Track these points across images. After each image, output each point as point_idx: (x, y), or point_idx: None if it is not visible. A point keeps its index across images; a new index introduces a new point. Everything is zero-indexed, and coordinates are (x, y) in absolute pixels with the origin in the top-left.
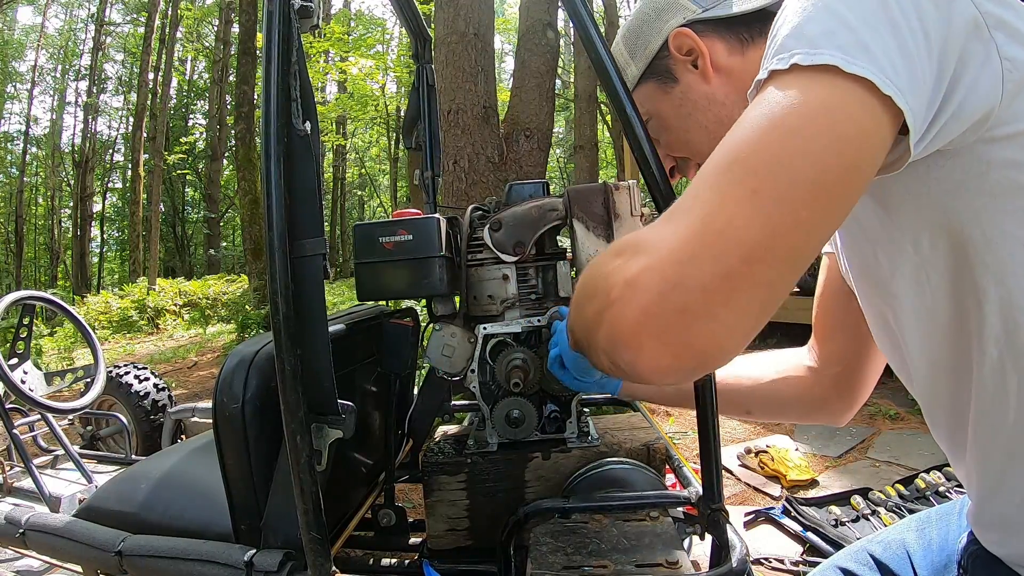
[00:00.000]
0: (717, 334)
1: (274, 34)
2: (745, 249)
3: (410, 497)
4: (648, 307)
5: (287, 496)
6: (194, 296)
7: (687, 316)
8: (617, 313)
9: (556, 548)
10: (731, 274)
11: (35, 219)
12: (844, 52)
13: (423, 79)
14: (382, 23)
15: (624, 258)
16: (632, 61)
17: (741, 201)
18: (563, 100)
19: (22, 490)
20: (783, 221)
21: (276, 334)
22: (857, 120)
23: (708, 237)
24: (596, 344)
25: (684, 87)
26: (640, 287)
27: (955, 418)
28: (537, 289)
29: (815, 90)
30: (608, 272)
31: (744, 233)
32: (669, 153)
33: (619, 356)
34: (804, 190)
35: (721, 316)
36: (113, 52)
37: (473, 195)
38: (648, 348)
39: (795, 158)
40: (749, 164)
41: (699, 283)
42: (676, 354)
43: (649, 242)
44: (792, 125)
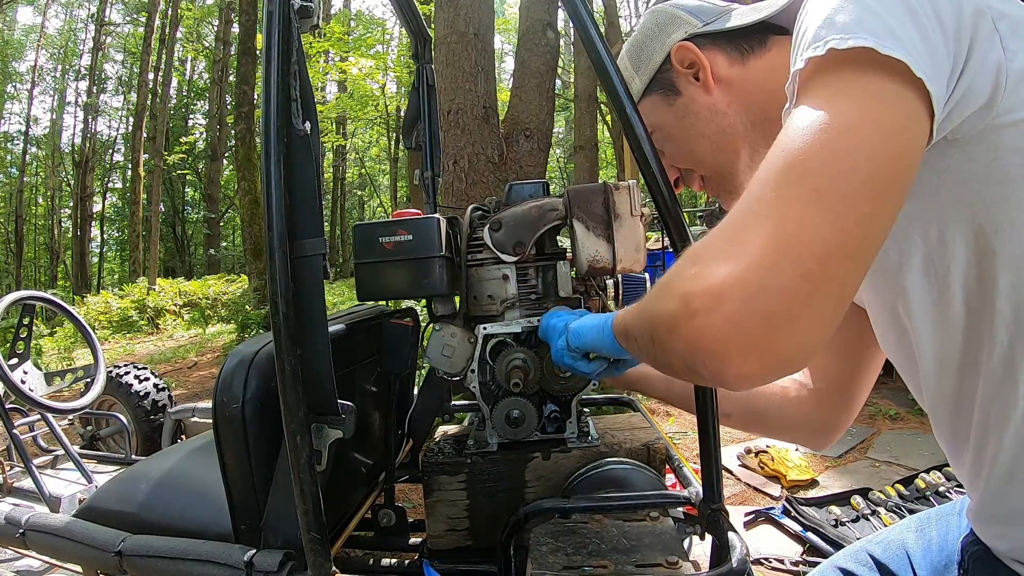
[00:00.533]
0: (800, 336)
1: (274, 34)
2: (819, 248)
3: (410, 497)
4: (733, 316)
5: (287, 496)
6: (194, 296)
7: (772, 321)
8: (702, 323)
9: (556, 548)
10: (809, 275)
11: (35, 219)
12: (875, 36)
13: (423, 79)
14: (382, 23)
15: (701, 266)
16: (636, 75)
17: (808, 204)
18: (563, 100)
19: (22, 490)
20: (849, 219)
21: (276, 334)
22: (897, 109)
23: (784, 242)
24: (671, 348)
25: (687, 99)
26: (725, 297)
27: (959, 412)
28: (537, 289)
29: (855, 81)
30: (685, 280)
31: (816, 234)
32: (673, 164)
33: (702, 363)
34: (862, 186)
35: (803, 318)
36: (113, 52)
37: (473, 195)
38: (735, 355)
39: (849, 156)
40: (807, 165)
41: (781, 287)
42: (762, 360)
43: (727, 249)
44: (841, 124)
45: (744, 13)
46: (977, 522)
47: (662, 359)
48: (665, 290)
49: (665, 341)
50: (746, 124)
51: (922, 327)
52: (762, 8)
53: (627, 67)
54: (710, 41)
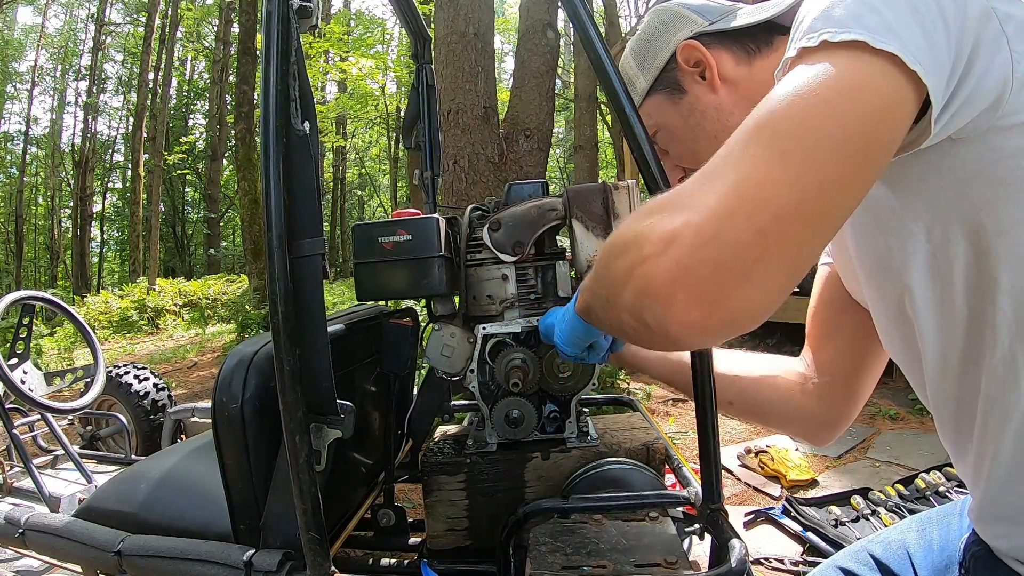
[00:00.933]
0: (749, 292)
1: (273, 34)
2: (776, 207)
3: (410, 497)
4: (683, 259)
5: (286, 496)
6: (194, 296)
7: (721, 271)
8: (651, 266)
9: (555, 548)
10: (764, 231)
11: (35, 219)
12: (871, 31)
13: (423, 79)
14: (382, 23)
15: (659, 216)
16: (640, 74)
17: (772, 163)
18: (563, 100)
19: (22, 490)
20: (811, 182)
21: (275, 334)
22: (882, 90)
23: (742, 195)
24: (621, 301)
25: (692, 98)
26: (676, 241)
27: (961, 410)
28: (536, 289)
29: (843, 63)
30: (642, 229)
31: (775, 192)
32: (677, 164)
33: (648, 309)
34: (831, 153)
35: (753, 274)
36: (113, 52)
37: (473, 195)
38: (680, 301)
39: (822, 123)
40: (779, 129)
41: (734, 239)
42: (707, 309)
43: (684, 200)
44: (820, 94)
45: (749, 12)
46: (979, 521)
47: (615, 320)
48: (620, 244)
49: (619, 296)
50: None
51: (926, 325)
52: (767, 8)
53: (631, 66)
54: (716, 40)
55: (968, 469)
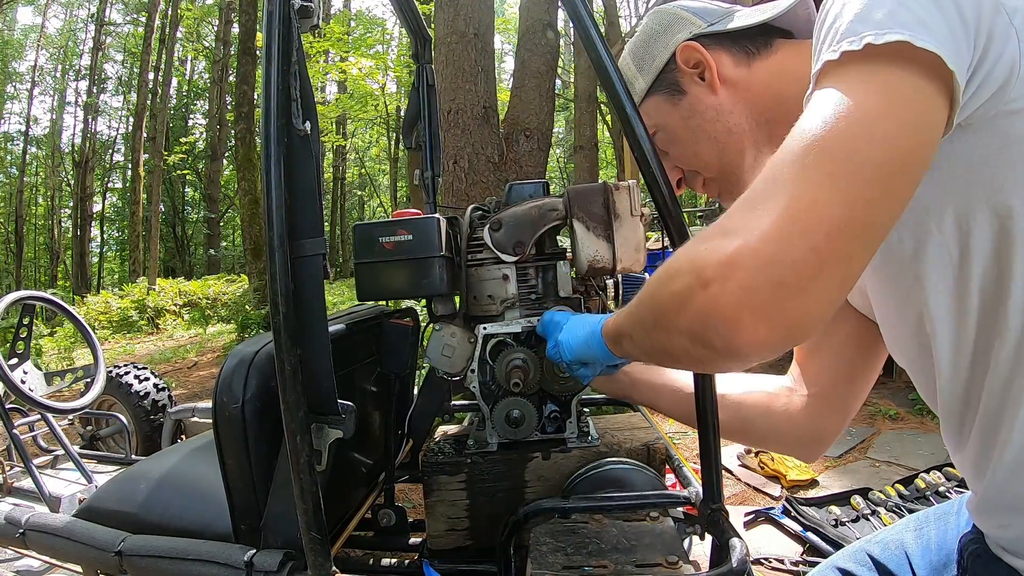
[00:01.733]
0: (808, 305)
1: (274, 34)
2: (828, 226)
3: (410, 497)
4: (745, 282)
5: (287, 496)
6: (194, 296)
7: (782, 290)
8: (716, 291)
9: (556, 548)
10: (818, 249)
11: (35, 219)
12: (909, 28)
13: (423, 79)
14: (382, 23)
15: (712, 242)
16: (639, 75)
17: (821, 183)
18: (563, 100)
19: (22, 490)
20: (858, 200)
21: (276, 334)
22: (920, 103)
23: (795, 217)
24: (675, 325)
25: (692, 99)
26: (738, 265)
27: (968, 401)
28: (537, 289)
29: (881, 72)
30: (696, 255)
31: (826, 211)
32: (677, 165)
33: (714, 331)
34: (875, 170)
35: (811, 289)
36: (113, 52)
37: (473, 195)
38: (747, 322)
39: (866, 143)
40: (825, 148)
41: (791, 258)
42: (772, 326)
43: (738, 226)
44: (862, 113)
45: (748, 14)
46: (979, 513)
47: (665, 344)
48: (672, 272)
49: (672, 321)
50: (751, 125)
51: (938, 315)
52: (766, 10)
53: (630, 67)
54: (715, 42)
55: (970, 461)
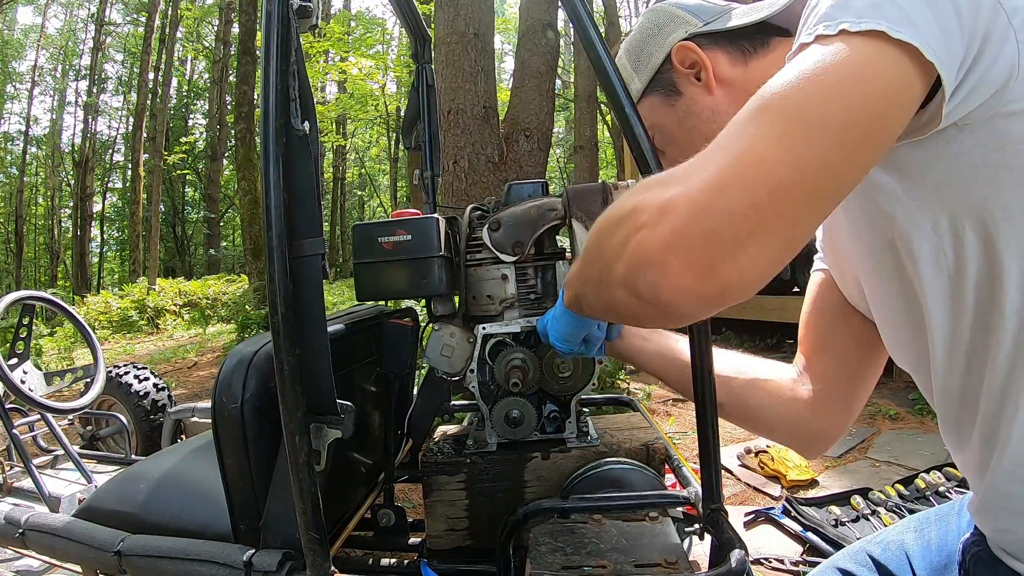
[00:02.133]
0: (741, 263)
1: (273, 34)
2: (773, 183)
3: (410, 497)
4: (678, 227)
5: (286, 496)
6: (194, 296)
7: (714, 241)
8: (646, 235)
9: (555, 548)
10: (759, 205)
11: (35, 219)
12: (890, 22)
13: (423, 79)
14: (382, 23)
15: (655, 190)
16: (635, 75)
17: (772, 141)
18: (563, 100)
19: (22, 490)
20: (810, 162)
21: (275, 334)
22: (889, 76)
23: (740, 170)
24: (614, 276)
25: (688, 99)
26: (671, 211)
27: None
28: (536, 289)
29: (855, 49)
30: (636, 202)
31: (773, 168)
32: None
33: (642, 278)
34: (832, 135)
35: (746, 245)
36: (113, 52)
37: (473, 195)
38: (673, 267)
39: (826, 105)
40: (782, 109)
41: (728, 210)
42: (700, 277)
43: (681, 174)
44: (827, 77)
45: (744, 12)
46: (980, 515)
47: (608, 299)
48: (615, 219)
49: (612, 271)
50: None
51: (934, 315)
52: (762, 8)
53: (626, 67)
54: (711, 41)
55: (971, 463)
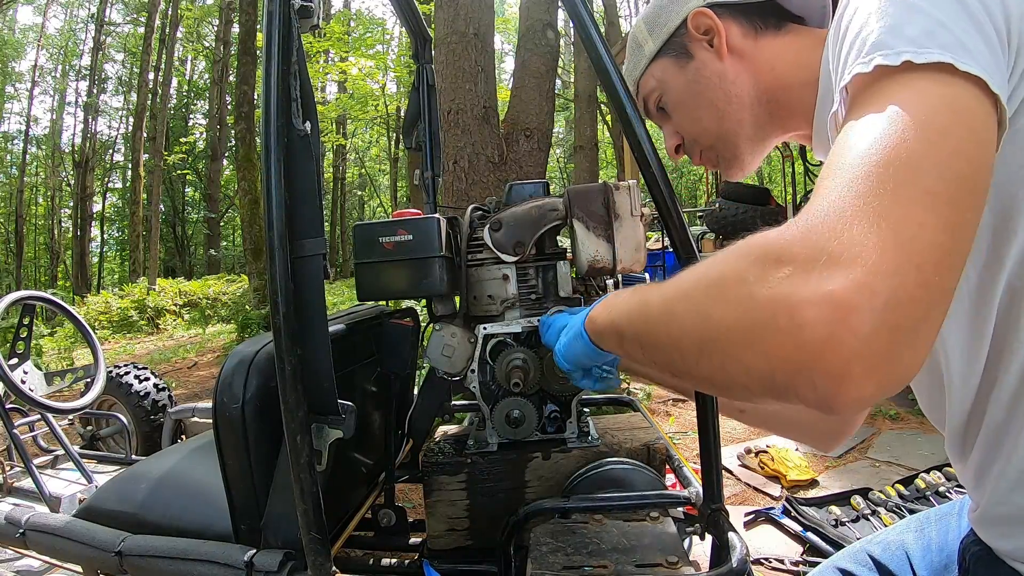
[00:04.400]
0: (918, 350)
1: (274, 34)
2: (937, 255)
3: (410, 497)
4: (860, 330)
5: (287, 496)
6: (194, 296)
7: (898, 336)
8: (814, 337)
9: (556, 548)
10: (928, 283)
11: (35, 219)
12: (951, 51)
13: (423, 79)
14: (382, 23)
15: (794, 267)
16: (650, 37)
17: (922, 205)
18: (563, 100)
19: (22, 490)
20: (958, 221)
21: (276, 334)
22: (984, 120)
23: (905, 245)
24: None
25: (698, 63)
26: (848, 307)
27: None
28: (537, 289)
29: (941, 88)
30: (771, 283)
31: (934, 237)
32: (677, 130)
33: (807, 384)
34: (967, 189)
35: (921, 331)
36: (113, 52)
37: (473, 195)
38: (856, 376)
39: (954, 159)
40: (917, 165)
41: (908, 297)
42: (881, 380)
43: (832, 250)
44: (940, 126)
45: None
46: (980, 523)
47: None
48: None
49: (736, 354)
50: (752, 99)
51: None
52: None
53: (641, 30)
54: (726, 11)
55: (972, 472)
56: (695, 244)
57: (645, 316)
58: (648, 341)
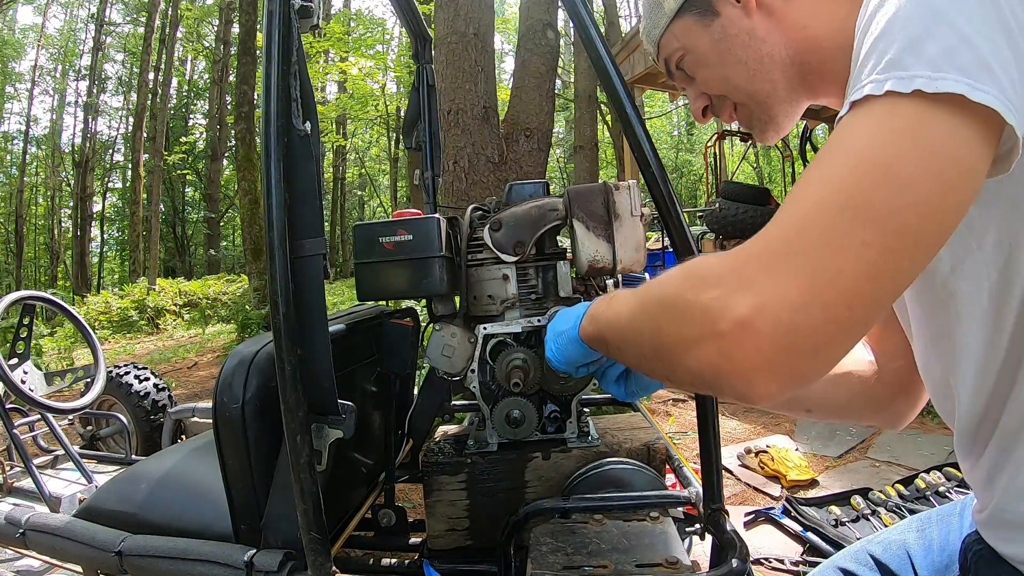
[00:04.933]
0: (819, 364)
1: (274, 34)
2: (851, 298)
3: (410, 497)
4: (761, 347)
5: (287, 496)
6: (194, 296)
7: (796, 354)
8: (730, 348)
9: (556, 548)
10: (838, 319)
11: (35, 219)
12: (967, 75)
13: (423, 79)
14: (382, 23)
15: (726, 290)
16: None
17: (850, 252)
18: (563, 100)
19: (22, 490)
20: (887, 270)
21: (276, 334)
22: (968, 159)
23: (818, 286)
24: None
25: (725, 21)
26: (755, 329)
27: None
28: (537, 289)
29: (932, 127)
30: (706, 303)
31: (852, 283)
32: (704, 91)
33: (724, 382)
34: (910, 241)
35: (824, 352)
36: (113, 52)
37: (473, 195)
38: (760, 381)
39: (904, 211)
40: (861, 213)
41: (810, 328)
42: (783, 384)
43: (757, 280)
44: (905, 173)
45: None
46: (986, 526)
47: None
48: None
49: (677, 359)
50: (784, 60)
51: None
52: None
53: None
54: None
55: (981, 474)
56: (695, 244)
57: (619, 327)
58: (622, 348)
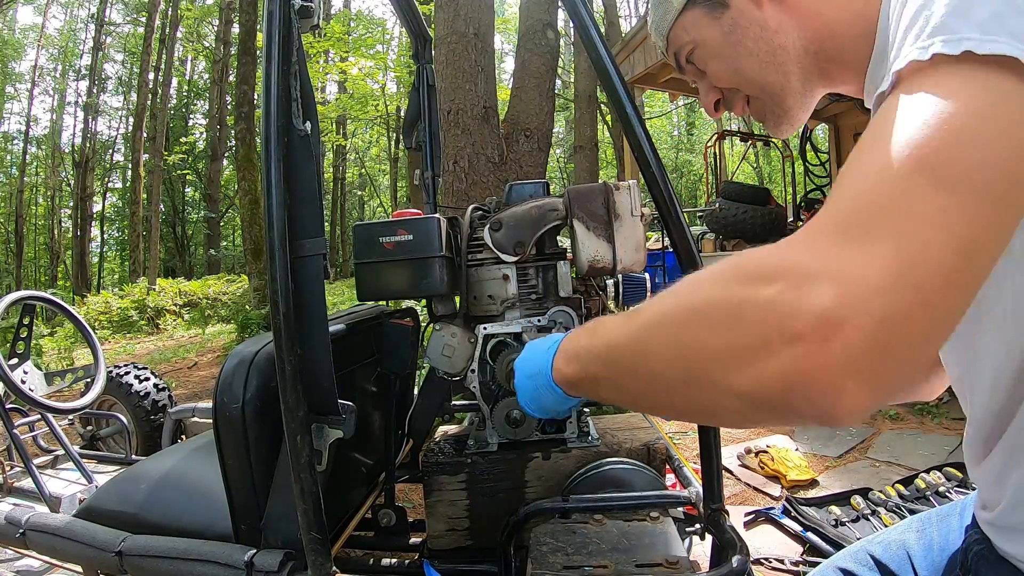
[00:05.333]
0: (913, 366)
1: (274, 34)
2: (944, 276)
3: (410, 497)
4: (855, 345)
5: (287, 496)
6: (194, 296)
7: (890, 353)
8: (811, 354)
9: (556, 548)
10: (930, 304)
11: (35, 219)
12: (1021, 40)
13: (423, 79)
14: (382, 23)
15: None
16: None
17: (933, 220)
18: (563, 100)
19: (22, 490)
20: (976, 240)
21: (276, 334)
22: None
23: (906, 262)
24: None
25: (735, 12)
26: (845, 323)
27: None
28: (537, 289)
29: (997, 88)
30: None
31: (941, 257)
32: (716, 84)
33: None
34: (991, 207)
35: (919, 348)
36: (113, 52)
37: (473, 195)
38: (850, 390)
39: (984, 171)
40: (937, 175)
41: (903, 316)
42: (875, 392)
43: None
44: (983, 133)
45: None
46: (991, 525)
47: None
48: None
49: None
50: (798, 48)
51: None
52: None
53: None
54: None
55: (990, 475)
56: (695, 244)
57: (617, 357)
58: (626, 383)
